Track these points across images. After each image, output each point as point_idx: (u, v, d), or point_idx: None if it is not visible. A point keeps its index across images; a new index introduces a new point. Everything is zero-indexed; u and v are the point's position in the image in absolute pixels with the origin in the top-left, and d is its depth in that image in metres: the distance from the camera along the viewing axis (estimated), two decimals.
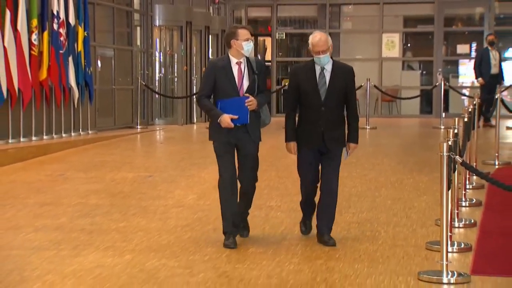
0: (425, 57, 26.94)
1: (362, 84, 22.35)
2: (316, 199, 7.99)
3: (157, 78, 22.32)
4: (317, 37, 7.56)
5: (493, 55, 20.97)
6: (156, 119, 22.00)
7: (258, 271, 6.94)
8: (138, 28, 21.54)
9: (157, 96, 21.92)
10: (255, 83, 7.66)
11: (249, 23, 27.68)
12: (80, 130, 17.57)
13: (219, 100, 7.63)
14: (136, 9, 21.34)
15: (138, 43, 21.53)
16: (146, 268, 7.11)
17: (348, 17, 27.77)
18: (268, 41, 28.05)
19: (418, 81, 26.46)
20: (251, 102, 7.51)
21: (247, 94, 7.57)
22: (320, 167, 7.83)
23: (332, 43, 7.69)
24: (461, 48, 27.30)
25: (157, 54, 22.29)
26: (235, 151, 7.75)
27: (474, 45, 26.95)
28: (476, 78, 21.25)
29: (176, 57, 22.72)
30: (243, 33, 7.57)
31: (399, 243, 7.91)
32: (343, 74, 7.69)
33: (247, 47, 7.57)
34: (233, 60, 7.64)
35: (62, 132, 16.80)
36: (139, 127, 20.51)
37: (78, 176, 12.66)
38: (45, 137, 16.13)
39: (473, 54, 26.86)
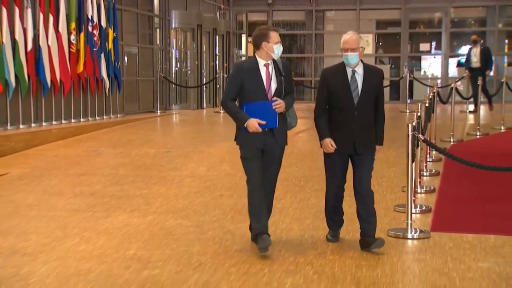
0: (393, 54, 26.89)
1: None
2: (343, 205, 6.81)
3: (173, 71, 22.27)
4: (348, 35, 6.22)
5: (474, 52, 20.68)
6: (173, 105, 21.96)
7: None
8: (158, 30, 21.47)
9: (173, 86, 21.87)
10: (283, 85, 6.24)
11: (249, 26, 27.60)
12: (111, 113, 17.55)
13: (245, 104, 6.21)
14: (156, 14, 21.27)
15: (158, 42, 21.46)
16: (165, 226, 7.15)
17: (331, 20, 27.66)
18: None
19: (388, 73, 26.35)
20: (279, 105, 6.14)
21: (275, 98, 6.19)
22: (352, 169, 6.52)
23: (319, 42, 7.06)
24: (423, 46, 27.32)
25: (173, 51, 22.23)
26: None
27: (433, 43, 26.95)
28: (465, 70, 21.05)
29: (189, 54, 22.69)
30: (275, 35, 6.19)
31: None
32: (374, 77, 6.28)
33: (278, 50, 6.19)
34: (261, 62, 6.21)
35: (96, 115, 16.79)
36: (158, 111, 20.48)
37: (109, 151, 12.67)
38: (82, 119, 16.11)
39: (433, 51, 26.93)
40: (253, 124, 6.11)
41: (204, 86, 22.76)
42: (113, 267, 5.78)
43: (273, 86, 6.21)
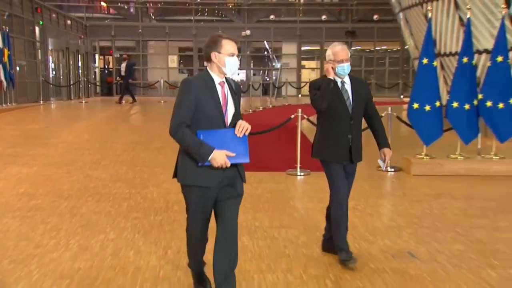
0: (189, 67, 26.87)
1: (158, 80, 22.00)
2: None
3: (51, 76, 20.53)
4: (338, 47, 3.60)
5: (122, 65, 18.89)
6: (51, 97, 20.30)
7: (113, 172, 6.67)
8: (39, 50, 19.65)
9: (51, 85, 20.23)
10: (238, 109, 2.94)
11: (100, 50, 26.16)
12: (8, 103, 15.93)
13: (201, 132, 2.79)
14: (37, 40, 19.42)
15: (40, 58, 19.65)
16: (46, 174, 6.63)
17: (152, 47, 26.93)
18: (111, 58, 26.70)
19: None
20: (244, 128, 2.84)
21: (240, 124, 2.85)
22: None
23: (144, 60, 6.38)
24: (206, 63, 27.57)
25: (50, 64, 20.50)
26: (217, 195, 2.88)
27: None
28: None
29: (61, 66, 21.09)
30: (229, 44, 2.87)
31: None
32: (361, 86, 3.74)
33: (231, 64, 2.85)
34: (216, 80, 2.89)
35: None
36: (41, 102, 18.83)
37: (7, 127, 11.46)
38: None
39: None
40: (221, 157, 2.76)
41: (71, 86, 21.32)
42: (9, 200, 5.27)
43: (230, 110, 2.88)
